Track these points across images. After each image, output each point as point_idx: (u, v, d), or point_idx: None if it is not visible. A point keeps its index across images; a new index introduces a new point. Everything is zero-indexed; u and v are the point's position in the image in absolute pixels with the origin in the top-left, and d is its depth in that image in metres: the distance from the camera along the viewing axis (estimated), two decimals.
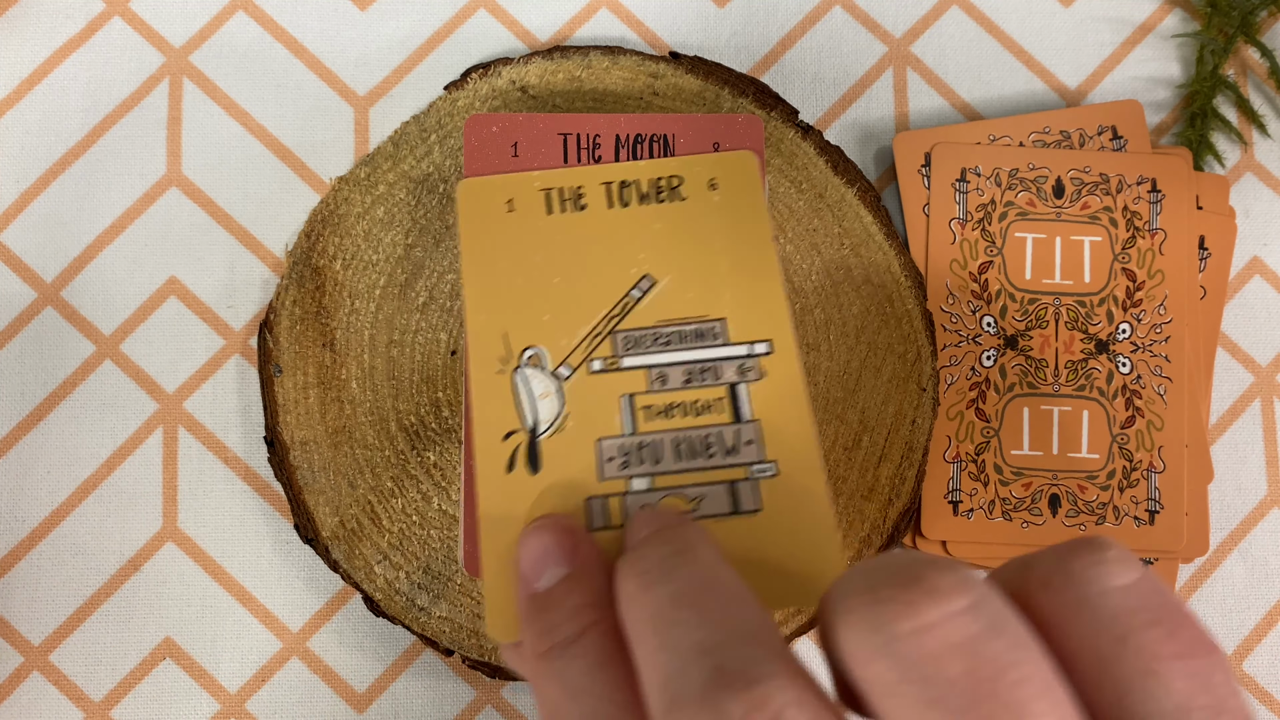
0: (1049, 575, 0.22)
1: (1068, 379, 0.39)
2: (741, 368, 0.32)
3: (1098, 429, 0.39)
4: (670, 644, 0.22)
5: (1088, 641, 0.21)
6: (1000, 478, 0.39)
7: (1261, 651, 0.40)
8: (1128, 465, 0.39)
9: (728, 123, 0.38)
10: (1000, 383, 0.39)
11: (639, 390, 0.32)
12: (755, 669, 0.20)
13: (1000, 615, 0.19)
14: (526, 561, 0.27)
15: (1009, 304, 0.39)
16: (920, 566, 0.20)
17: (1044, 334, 0.39)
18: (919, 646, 0.19)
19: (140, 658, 0.39)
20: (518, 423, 0.32)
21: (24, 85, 0.41)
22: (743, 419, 0.32)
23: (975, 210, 0.39)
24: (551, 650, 0.25)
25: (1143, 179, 0.40)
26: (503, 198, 0.34)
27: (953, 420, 0.39)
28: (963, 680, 0.19)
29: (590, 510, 0.31)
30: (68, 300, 0.40)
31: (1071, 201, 0.40)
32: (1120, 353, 0.39)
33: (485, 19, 0.42)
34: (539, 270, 0.33)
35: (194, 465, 0.40)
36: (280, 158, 0.41)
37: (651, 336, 0.33)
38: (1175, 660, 0.20)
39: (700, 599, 0.22)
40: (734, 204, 0.34)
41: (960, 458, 0.39)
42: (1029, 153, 0.40)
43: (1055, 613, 0.21)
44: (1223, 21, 0.42)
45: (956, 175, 0.40)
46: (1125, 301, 0.39)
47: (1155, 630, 0.21)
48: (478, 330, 0.32)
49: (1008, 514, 0.39)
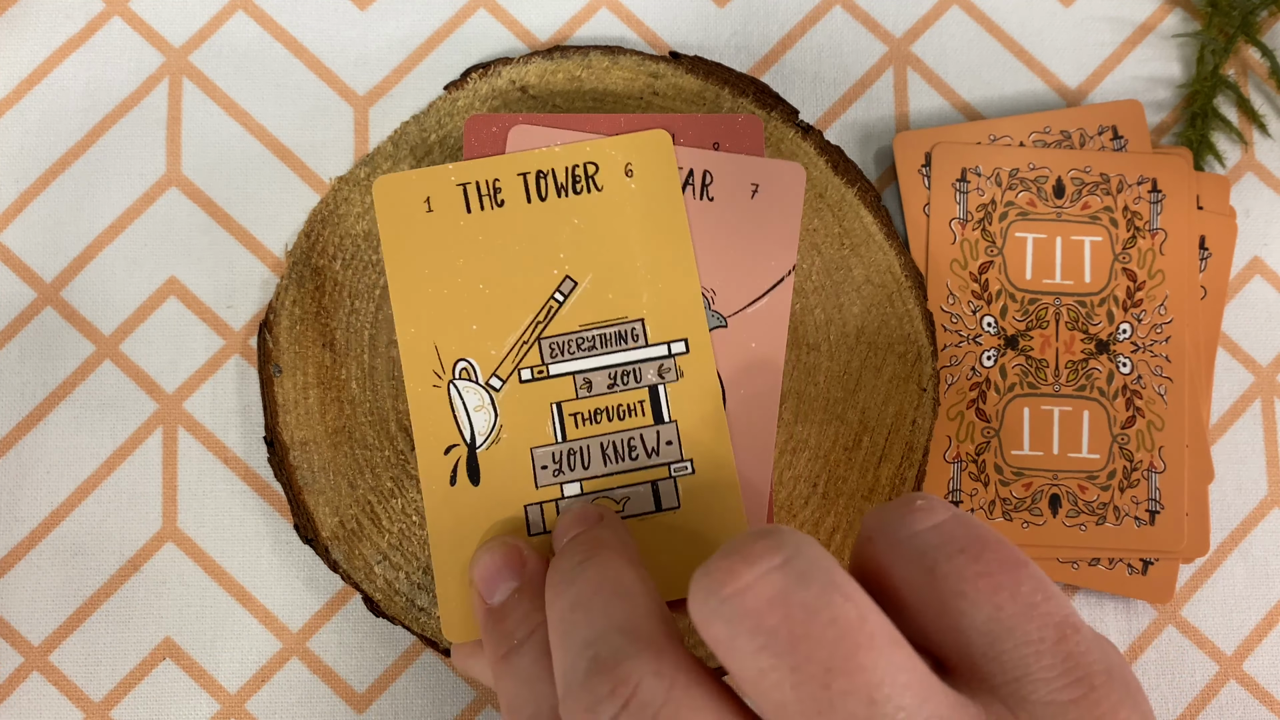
0: (870, 531, 0.25)
1: (1068, 379, 0.39)
2: (660, 369, 0.34)
3: (1098, 429, 0.39)
4: (566, 643, 0.26)
5: (905, 578, 0.24)
6: (1000, 478, 0.39)
7: (1261, 651, 0.40)
8: (1128, 465, 0.39)
9: (728, 123, 0.38)
10: (1000, 383, 0.39)
11: (567, 398, 0.33)
12: (622, 653, 0.24)
13: (809, 567, 0.22)
14: (481, 581, 0.31)
15: (1009, 304, 0.39)
16: (745, 538, 0.23)
17: (1044, 334, 0.39)
18: (740, 605, 0.22)
19: (140, 658, 0.39)
20: (456, 436, 0.33)
21: (24, 85, 0.41)
22: (663, 420, 0.33)
23: (975, 210, 0.39)
24: (508, 653, 0.29)
25: (1143, 179, 0.40)
26: (420, 195, 0.35)
27: (953, 420, 0.39)
28: (781, 627, 0.22)
29: (529, 517, 0.33)
30: (67, 300, 0.40)
31: (1072, 201, 0.40)
32: (1121, 353, 0.39)
33: (485, 19, 0.42)
34: (463, 276, 0.34)
35: (194, 465, 0.40)
36: (280, 158, 0.41)
37: (576, 341, 0.34)
38: (980, 579, 0.23)
39: (591, 601, 0.26)
40: (650, 193, 0.35)
41: (961, 458, 0.39)
42: (1029, 153, 0.40)
43: (878, 560, 0.25)
44: (1223, 21, 0.42)
45: (957, 175, 0.40)
46: (1126, 301, 0.39)
47: (960, 558, 0.24)
48: (409, 344, 0.33)
49: (1008, 514, 0.39)
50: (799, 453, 0.38)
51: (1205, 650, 0.40)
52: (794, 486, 0.38)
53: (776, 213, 0.37)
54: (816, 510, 0.38)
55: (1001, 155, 0.40)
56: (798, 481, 0.38)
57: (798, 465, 0.38)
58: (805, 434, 0.38)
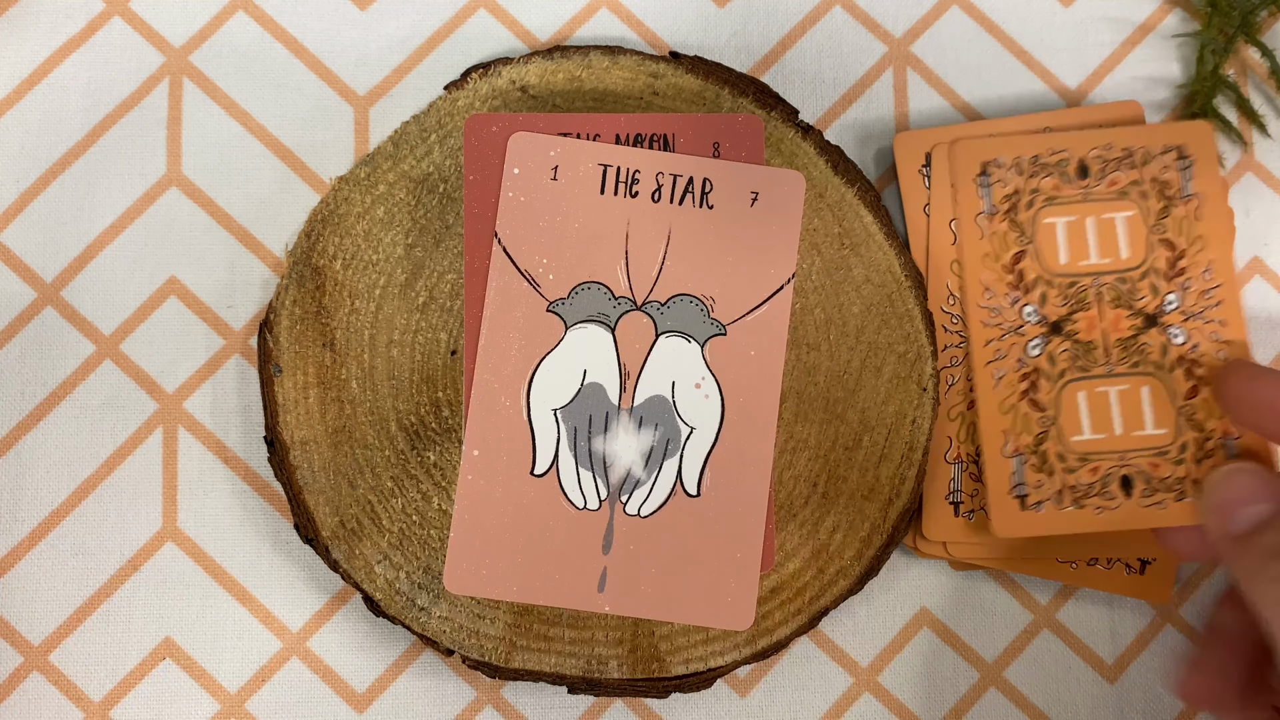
0: None
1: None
2: None
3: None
4: None
5: None
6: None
7: None
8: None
9: (728, 123, 0.38)
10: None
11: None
12: None
13: None
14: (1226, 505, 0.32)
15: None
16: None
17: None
18: None
19: (140, 658, 0.39)
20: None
21: (24, 85, 0.41)
22: None
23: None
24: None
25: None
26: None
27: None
28: None
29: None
30: (68, 300, 0.40)
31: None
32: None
33: (485, 19, 0.42)
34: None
35: (194, 465, 0.40)
36: (280, 158, 0.41)
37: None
38: None
39: None
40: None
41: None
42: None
43: None
44: (1223, 21, 0.42)
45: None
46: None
47: None
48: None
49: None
50: (799, 452, 0.38)
51: None
52: (794, 486, 0.38)
53: (776, 221, 0.37)
54: (816, 510, 0.38)
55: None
56: (798, 481, 0.38)
57: (798, 465, 0.38)
58: (805, 434, 0.38)
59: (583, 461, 0.36)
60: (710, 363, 0.36)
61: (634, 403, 0.36)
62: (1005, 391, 0.38)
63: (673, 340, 0.36)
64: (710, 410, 0.37)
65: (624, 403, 0.36)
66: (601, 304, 0.36)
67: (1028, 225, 0.39)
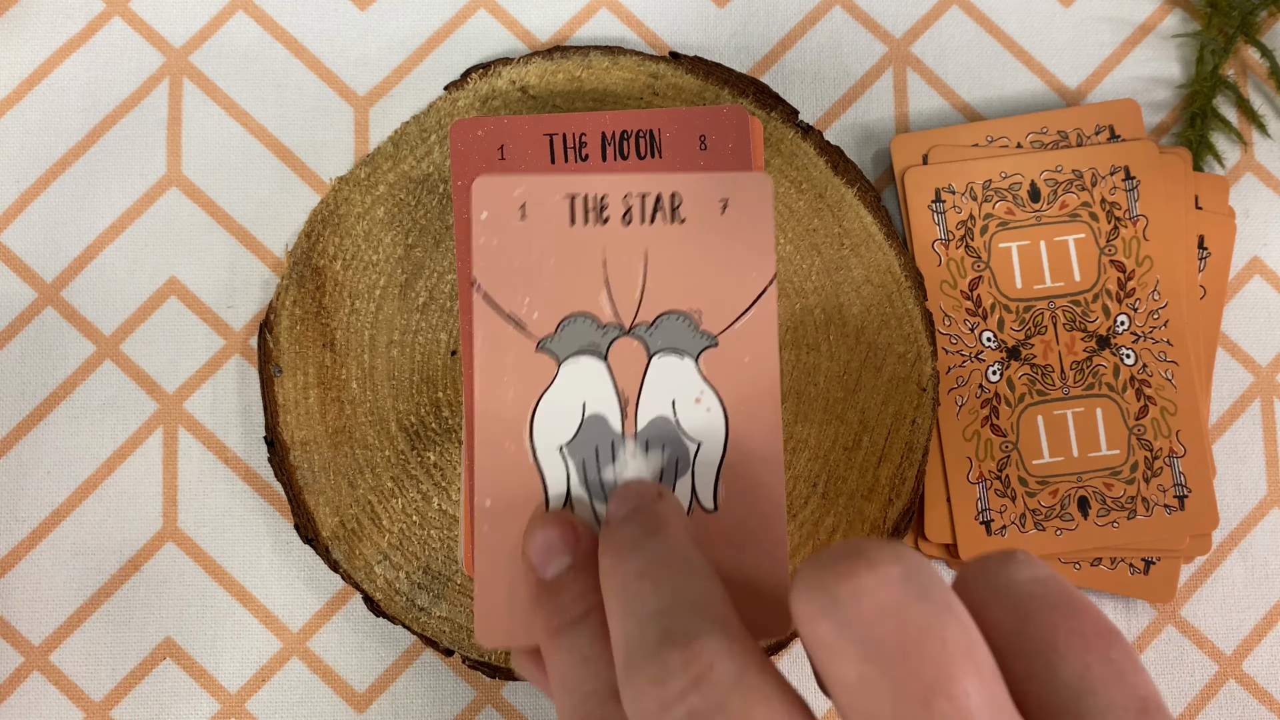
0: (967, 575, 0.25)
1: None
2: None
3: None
4: (630, 611, 0.25)
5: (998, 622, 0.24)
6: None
7: (1261, 651, 0.40)
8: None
9: (713, 115, 0.38)
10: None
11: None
12: (695, 630, 0.24)
13: (929, 584, 0.22)
14: (537, 554, 0.30)
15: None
16: (863, 543, 0.23)
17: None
18: (855, 607, 0.22)
19: (140, 658, 0.39)
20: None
21: (24, 85, 0.41)
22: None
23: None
24: (562, 627, 0.28)
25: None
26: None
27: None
28: (892, 639, 0.21)
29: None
30: (68, 300, 0.40)
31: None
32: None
33: (485, 19, 0.42)
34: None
35: (194, 465, 0.40)
36: (280, 158, 0.41)
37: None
38: (1073, 636, 0.23)
39: (659, 572, 0.26)
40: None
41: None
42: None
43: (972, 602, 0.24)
44: (1223, 21, 0.42)
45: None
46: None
47: (1056, 612, 0.24)
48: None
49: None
50: (799, 453, 0.38)
51: (1205, 650, 0.40)
52: (794, 486, 0.38)
53: (748, 225, 0.37)
54: (816, 510, 0.38)
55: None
56: (798, 481, 0.38)
57: (798, 465, 0.38)
58: (805, 434, 0.38)
59: (596, 494, 0.36)
60: (707, 375, 0.36)
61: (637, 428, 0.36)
62: (968, 418, 0.39)
63: (666, 359, 0.36)
64: (714, 422, 0.37)
65: (627, 429, 0.35)
66: (590, 334, 0.36)
67: (983, 250, 0.39)
